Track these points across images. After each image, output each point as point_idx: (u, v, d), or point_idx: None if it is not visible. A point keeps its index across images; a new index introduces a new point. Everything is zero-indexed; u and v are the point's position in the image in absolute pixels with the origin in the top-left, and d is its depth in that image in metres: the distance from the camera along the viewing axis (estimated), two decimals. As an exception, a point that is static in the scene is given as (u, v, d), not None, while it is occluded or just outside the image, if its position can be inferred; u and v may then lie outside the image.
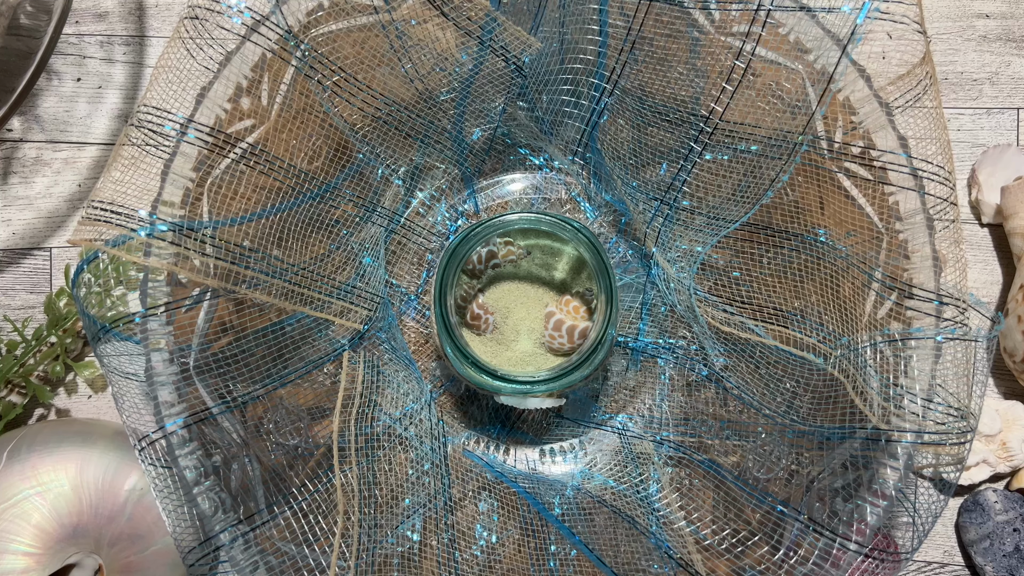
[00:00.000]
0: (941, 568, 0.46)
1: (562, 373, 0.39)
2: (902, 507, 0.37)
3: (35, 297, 0.47)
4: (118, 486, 0.40)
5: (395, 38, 0.39)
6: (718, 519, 0.41)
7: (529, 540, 0.42)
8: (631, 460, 0.44)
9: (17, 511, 0.39)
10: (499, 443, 0.45)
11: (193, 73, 0.38)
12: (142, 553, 0.40)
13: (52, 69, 0.49)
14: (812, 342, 0.40)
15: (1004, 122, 0.49)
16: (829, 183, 0.39)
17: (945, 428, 0.35)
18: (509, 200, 0.47)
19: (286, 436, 0.40)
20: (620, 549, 0.40)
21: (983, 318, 0.37)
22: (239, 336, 0.39)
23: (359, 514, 0.40)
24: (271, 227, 0.40)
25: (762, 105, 0.39)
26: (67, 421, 0.43)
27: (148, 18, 0.49)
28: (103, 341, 0.37)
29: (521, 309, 0.43)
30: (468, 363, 0.39)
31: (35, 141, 0.48)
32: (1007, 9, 0.49)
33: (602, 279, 0.40)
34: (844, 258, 0.39)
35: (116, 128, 0.48)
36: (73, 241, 0.34)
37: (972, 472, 0.45)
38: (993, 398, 0.47)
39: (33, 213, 0.48)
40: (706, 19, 0.38)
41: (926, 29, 0.37)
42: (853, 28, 0.35)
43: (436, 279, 0.39)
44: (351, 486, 0.40)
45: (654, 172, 0.42)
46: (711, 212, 0.41)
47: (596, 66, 0.41)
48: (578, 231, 0.40)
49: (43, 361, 0.45)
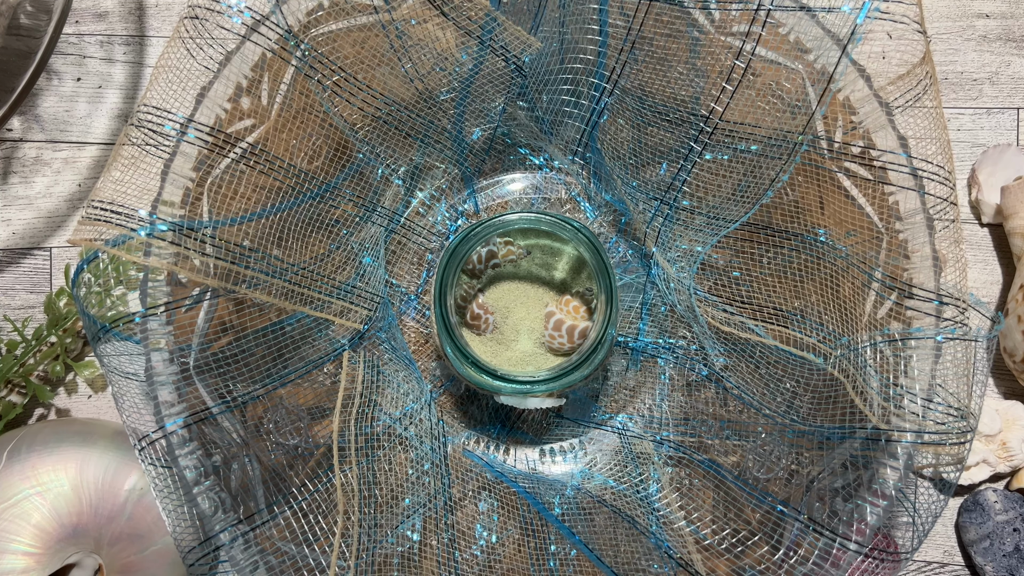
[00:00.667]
0: (941, 568, 0.46)
1: (562, 373, 0.39)
2: (902, 507, 0.37)
3: (35, 297, 0.47)
4: (118, 486, 0.40)
5: (395, 38, 0.39)
6: (718, 519, 0.41)
7: (529, 540, 0.42)
8: (631, 460, 0.44)
9: (17, 511, 0.39)
10: (499, 443, 0.45)
11: (193, 73, 0.38)
12: (142, 553, 0.40)
13: (52, 69, 0.49)
14: (812, 342, 0.40)
15: (1004, 122, 0.49)
16: (829, 183, 0.39)
17: (945, 428, 0.35)
18: (509, 200, 0.47)
19: (286, 436, 0.40)
20: (620, 549, 0.40)
21: (983, 318, 0.37)
22: (239, 336, 0.39)
23: (359, 514, 0.40)
24: (271, 227, 0.40)
25: (762, 105, 0.39)
26: (67, 421, 0.43)
27: (148, 18, 0.49)
28: (103, 341, 0.37)
29: (521, 309, 0.43)
30: (468, 363, 0.39)
31: (35, 141, 0.48)
32: (1007, 9, 0.49)
33: (602, 279, 0.40)
34: (844, 258, 0.39)
35: (116, 128, 0.48)
36: (73, 241, 0.34)
37: (972, 472, 0.45)
38: (993, 398, 0.47)
39: (33, 213, 0.48)
40: (706, 19, 0.38)
41: (926, 29, 0.37)
42: (853, 28, 0.35)
43: (436, 279, 0.39)
44: (351, 486, 0.40)
45: (654, 172, 0.42)
46: (711, 212, 0.41)
47: (596, 66, 0.41)
48: (578, 231, 0.40)
49: (43, 361, 0.45)
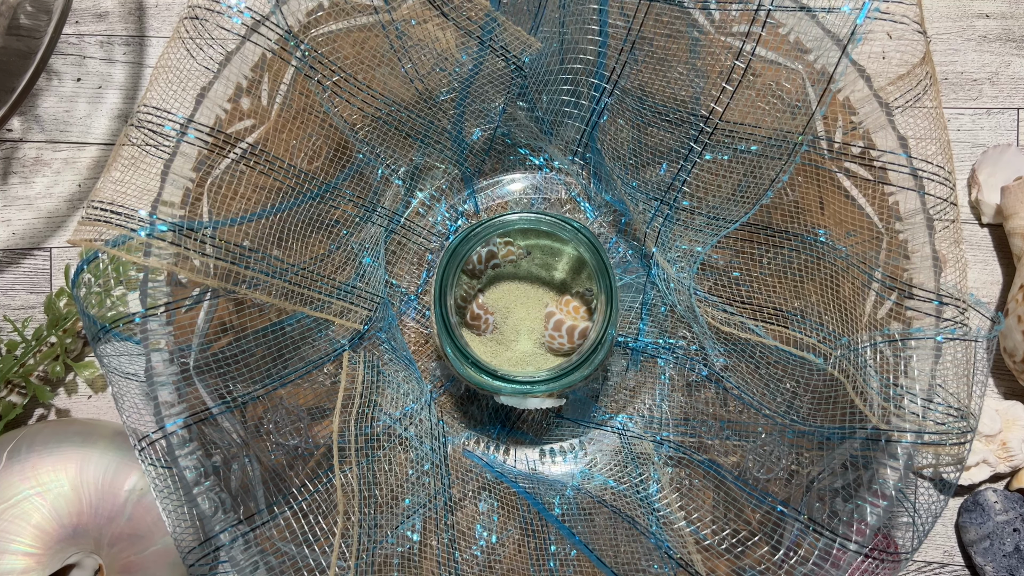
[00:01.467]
0: (941, 568, 0.46)
1: (562, 373, 0.39)
2: (902, 507, 0.37)
3: (35, 297, 0.47)
4: (118, 486, 0.40)
5: (395, 38, 0.39)
6: (718, 519, 0.41)
7: (529, 540, 0.42)
8: (631, 460, 0.44)
9: (17, 511, 0.39)
10: (499, 443, 0.45)
11: (193, 73, 0.38)
12: (142, 553, 0.40)
13: (52, 69, 0.49)
14: (812, 342, 0.40)
15: (1004, 122, 0.49)
16: (829, 183, 0.39)
17: (945, 428, 0.35)
18: (509, 200, 0.47)
19: (286, 436, 0.40)
20: (620, 549, 0.40)
21: (983, 318, 0.37)
22: (239, 336, 0.39)
23: (359, 514, 0.40)
24: (271, 227, 0.40)
25: (762, 105, 0.39)
26: (67, 421, 0.43)
27: (148, 18, 0.49)
28: (103, 341, 0.37)
29: (521, 309, 0.43)
30: (468, 363, 0.39)
31: (35, 141, 0.48)
32: (1007, 9, 0.49)
33: (602, 279, 0.40)
34: (844, 258, 0.39)
35: (116, 128, 0.48)
36: (73, 241, 0.34)
37: (972, 472, 0.45)
38: (993, 398, 0.47)
39: (33, 213, 0.48)
40: (706, 19, 0.38)
41: (926, 29, 0.37)
42: (853, 28, 0.35)
43: (436, 279, 0.39)
44: (351, 486, 0.40)
45: (654, 172, 0.42)
46: (711, 212, 0.41)
47: (596, 66, 0.41)
48: (578, 231, 0.40)
49: (43, 361, 0.45)
